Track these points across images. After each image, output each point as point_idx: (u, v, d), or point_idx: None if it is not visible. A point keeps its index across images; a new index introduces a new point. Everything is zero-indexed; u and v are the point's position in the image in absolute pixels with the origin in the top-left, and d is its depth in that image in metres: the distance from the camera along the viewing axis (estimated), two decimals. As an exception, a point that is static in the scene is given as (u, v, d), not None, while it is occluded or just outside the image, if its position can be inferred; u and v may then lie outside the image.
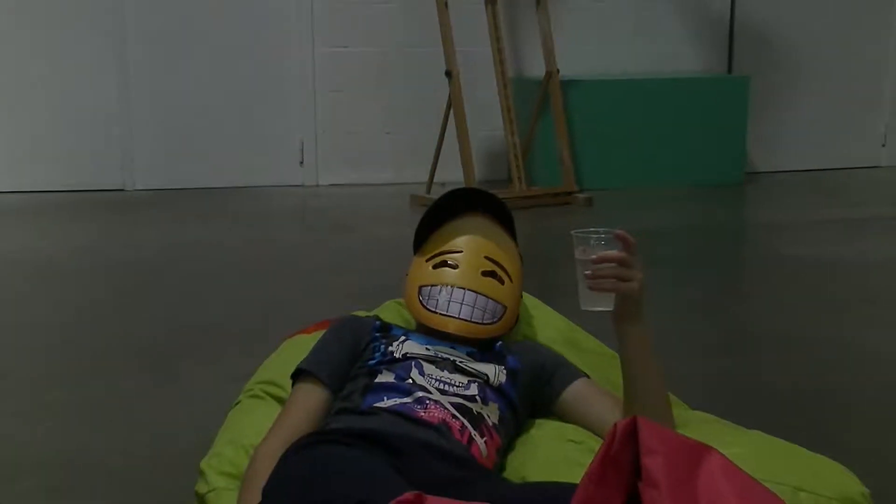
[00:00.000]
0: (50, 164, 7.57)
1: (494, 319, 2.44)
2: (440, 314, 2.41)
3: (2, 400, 3.52)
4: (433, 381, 2.25)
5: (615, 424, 1.73)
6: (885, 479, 2.44)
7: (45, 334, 4.32)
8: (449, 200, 2.54)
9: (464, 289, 2.41)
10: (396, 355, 2.32)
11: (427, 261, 2.49)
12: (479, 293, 2.42)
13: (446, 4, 7.00)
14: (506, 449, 2.32)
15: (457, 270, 2.44)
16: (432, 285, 2.44)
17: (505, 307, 2.46)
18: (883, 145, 8.93)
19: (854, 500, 2.13)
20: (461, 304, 2.40)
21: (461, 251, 2.46)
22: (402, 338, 2.38)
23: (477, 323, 2.41)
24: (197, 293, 5.02)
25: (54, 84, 7.54)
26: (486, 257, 2.46)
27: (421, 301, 2.44)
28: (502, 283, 2.46)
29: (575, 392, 2.39)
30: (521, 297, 2.61)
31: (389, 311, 2.71)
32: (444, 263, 2.46)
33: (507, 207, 2.57)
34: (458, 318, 2.39)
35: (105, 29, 7.60)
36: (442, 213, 2.54)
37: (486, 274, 2.45)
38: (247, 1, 7.82)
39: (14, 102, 7.43)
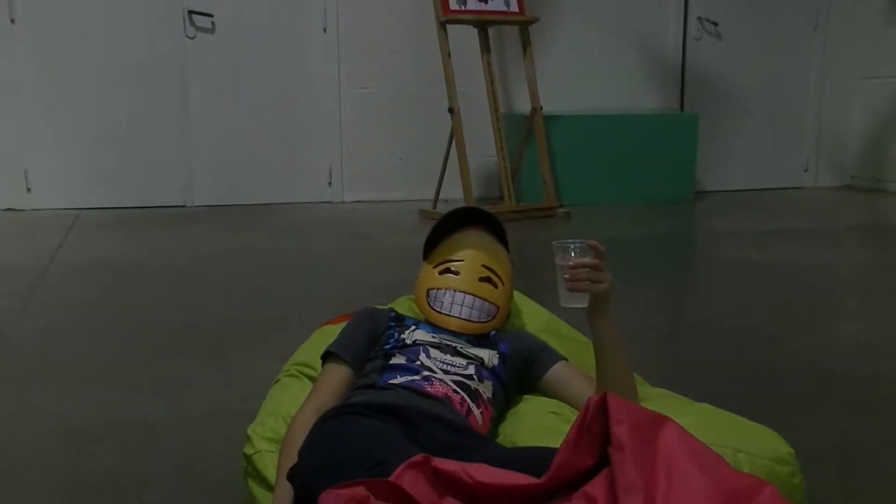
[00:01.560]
0: (127, 185, 7.58)
1: (489, 318, 2.47)
2: (444, 314, 2.44)
3: (85, 375, 3.52)
4: (438, 362, 2.27)
5: (589, 399, 1.74)
6: (807, 441, 2.44)
7: (123, 322, 4.32)
8: (453, 216, 2.57)
9: (464, 293, 2.45)
10: (408, 341, 2.34)
11: (434, 267, 2.52)
12: (477, 296, 2.45)
13: (449, 54, 7.01)
14: (498, 419, 2.34)
15: (458, 277, 2.47)
16: (438, 289, 2.47)
17: (498, 307, 2.49)
18: (805, 170, 8.95)
19: (782, 458, 2.15)
20: (461, 305, 2.44)
21: (462, 260, 2.49)
22: (413, 327, 2.40)
23: (474, 321, 2.44)
24: (243, 290, 5.01)
25: (130, 119, 7.54)
26: (483, 265, 2.49)
27: (429, 302, 2.48)
28: (496, 286, 2.49)
29: (556, 373, 2.41)
30: (512, 296, 2.61)
31: (402, 305, 2.72)
32: (447, 270, 2.49)
33: (500, 222, 2.60)
34: (459, 318, 2.43)
35: (170, 72, 7.59)
36: (447, 227, 2.57)
37: (482, 280, 2.47)
38: (286, 49, 7.82)
39: (100, 135, 7.43)
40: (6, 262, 5.44)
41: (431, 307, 2.46)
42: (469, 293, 2.44)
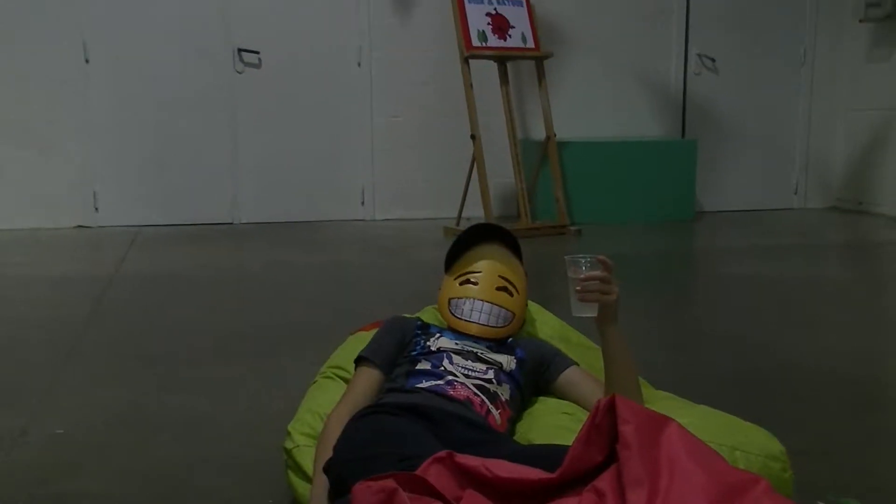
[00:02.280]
0: (181, 204, 7.62)
1: (505, 323, 2.46)
2: (465, 320, 2.43)
3: (145, 374, 3.54)
4: (460, 368, 2.26)
5: (598, 401, 1.74)
6: (796, 439, 2.42)
7: (177, 328, 4.34)
8: (471, 232, 2.56)
9: (482, 301, 2.43)
10: (432, 348, 2.33)
11: (455, 279, 2.51)
12: (494, 304, 2.44)
13: (471, 86, 7.02)
14: (515, 419, 2.32)
15: (477, 286, 2.46)
16: (459, 298, 2.46)
17: (513, 314, 2.47)
18: (795, 193, 8.88)
19: (775, 456, 2.14)
20: (480, 312, 2.43)
21: (480, 272, 2.48)
22: (437, 335, 2.39)
23: (492, 326, 2.43)
24: (284, 299, 5.02)
25: (185, 145, 7.58)
26: (500, 276, 2.48)
27: (451, 310, 2.47)
28: (512, 295, 2.47)
29: (568, 376, 2.40)
30: (527, 304, 2.61)
31: (428, 314, 2.72)
32: (467, 281, 2.48)
33: (514, 236, 2.59)
34: (478, 323, 2.42)
35: (221, 103, 7.64)
36: (466, 242, 2.56)
37: (499, 289, 2.46)
38: (324, 82, 7.84)
39: (159, 160, 7.49)
40: (77, 272, 5.48)
41: (453, 314, 2.46)
42: (487, 301, 2.44)
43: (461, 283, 2.48)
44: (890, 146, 8.03)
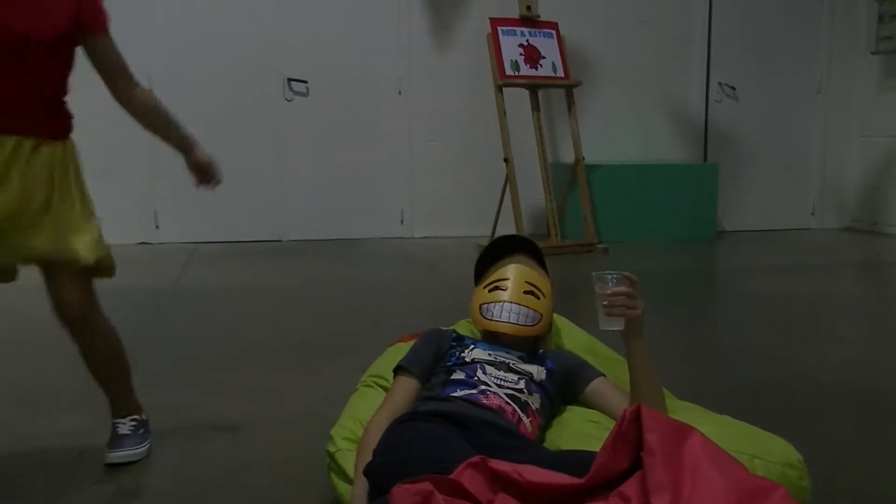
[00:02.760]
0: (233, 222, 7.68)
1: (534, 323, 2.45)
2: (496, 321, 2.43)
3: (201, 379, 3.58)
4: (492, 378, 2.25)
5: (624, 410, 1.73)
6: (813, 448, 2.38)
7: (230, 336, 4.37)
8: (497, 244, 2.60)
9: (511, 302, 2.43)
10: (467, 359, 2.32)
11: (485, 287, 2.52)
12: (522, 305, 2.44)
13: (504, 112, 7.03)
14: (545, 426, 2.31)
15: (506, 291, 2.46)
16: (489, 303, 2.46)
17: (541, 315, 2.47)
18: (812, 213, 8.80)
19: (792, 464, 2.11)
20: (510, 312, 2.44)
21: (508, 278, 2.49)
22: (472, 346, 2.38)
23: (522, 325, 2.43)
24: (328, 312, 5.04)
25: (238, 168, 7.60)
26: (527, 281, 2.49)
27: (482, 314, 2.47)
28: (538, 297, 2.48)
29: (595, 387, 2.38)
30: (553, 309, 2.60)
31: (462, 327, 2.71)
32: (496, 287, 2.49)
33: (537, 246, 2.62)
34: (509, 322, 2.42)
35: (271, 129, 7.70)
36: (493, 255, 2.59)
37: (526, 293, 2.47)
38: (367, 109, 7.87)
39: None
40: (140, 285, 5.50)
41: (484, 317, 2.46)
42: (515, 302, 2.44)
43: (490, 291, 2.49)
44: (900, 172, 7.98)
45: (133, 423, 2.86)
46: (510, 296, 2.45)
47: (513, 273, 2.49)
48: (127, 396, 2.89)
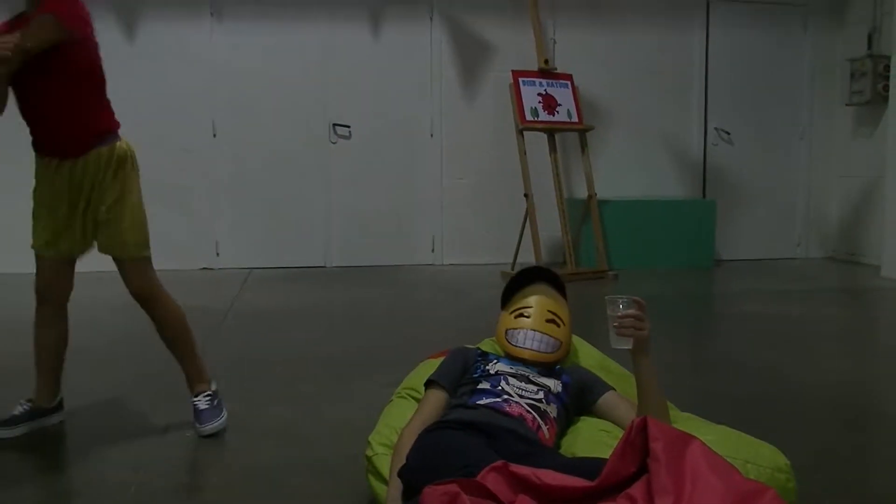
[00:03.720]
0: (283, 250, 7.73)
1: (554, 350, 2.43)
2: (519, 347, 2.41)
3: (256, 391, 3.57)
4: (514, 388, 2.24)
5: (632, 421, 1.73)
6: (799, 454, 2.37)
7: (281, 352, 4.38)
8: (523, 274, 2.57)
9: (534, 331, 2.41)
10: (491, 372, 2.31)
11: (510, 313, 2.50)
12: (544, 333, 2.42)
13: (524, 153, 7.04)
14: (561, 434, 2.30)
15: (529, 319, 2.44)
16: (514, 329, 2.44)
17: (560, 342, 2.45)
18: (797, 245, 8.73)
19: (781, 468, 2.11)
20: (533, 340, 2.41)
21: (532, 307, 2.46)
22: (495, 361, 2.38)
23: (543, 352, 2.41)
24: (367, 328, 5.05)
25: (288, 201, 7.71)
26: (548, 310, 2.46)
27: (507, 339, 2.45)
28: (559, 326, 2.45)
29: (606, 400, 2.36)
30: (571, 336, 2.58)
31: (486, 345, 2.69)
32: (521, 315, 2.46)
33: (559, 277, 2.59)
34: (531, 349, 2.40)
35: (318, 168, 7.76)
36: (519, 282, 2.56)
37: (548, 321, 2.44)
38: (403, 150, 7.92)
39: (267, 213, 7.63)
40: (202, 306, 5.52)
41: (509, 342, 2.43)
42: (538, 331, 2.42)
43: (516, 317, 2.47)
44: (875, 207, 7.92)
45: (207, 397, 3.06)
46: (533, 323, 2.43)
47: (536, 302, 2.47)
48: (197, 372, 3.11)
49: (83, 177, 2.86)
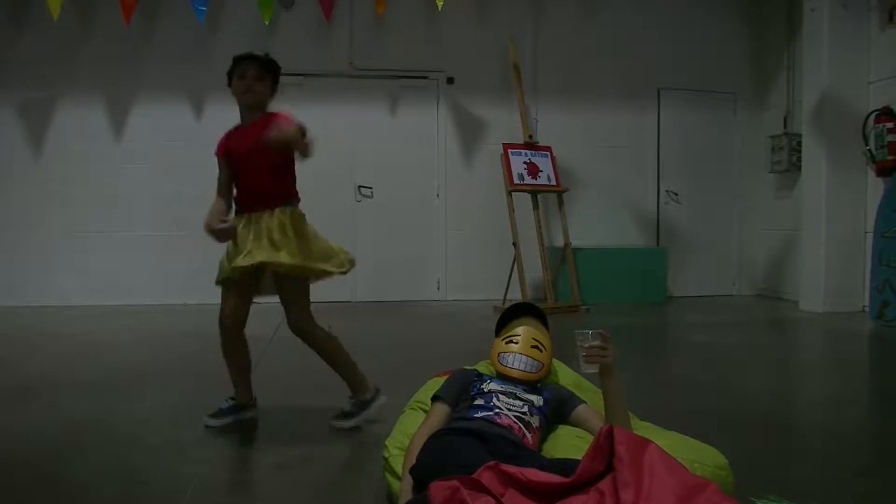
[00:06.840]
0: (317, 287, 7.69)
1: (537, 371, 2.44)
2: (509, 367, 2.42)
3: (293, 404, 3.56)
4: (504, 404, 2.24)
5: (601, 429, 1.72)
6: (737, 455, 2.36)
7: (315, 375, 4.34)
8: (513, 308, 2.58)
9: (522, 354, 2.42)
10: (485, 390, 2.31)
11: (502, 340, 2.51)
12: (530, 357, 2.42)
13: (513, 210, 7.07)
14: (543, 440, 2.30)
15: (518, 345, 2.45)
16: (505, 353, 2.45)
17: (543, 364, 2.46)
18: (733, 284, 8.72)
19: (721, 466, 2.11)
20: (520, 362, 2.42)
21: (520, 335, 2.47)
22: (489, 381, 2.38)
23: (528, 372, 2.41)
24: (383, 352, 5.02)
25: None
26: (533, 338, 2.47)
27: (499, 361, 2.45)
28: (542, 351, 2.46)
29: (579, 412, 2.36)
30: (551, 359, 2.59)
31: (482, 367, 2.69)
32: (511, 341, 2.47)
33: (543, 311, 2.60)
34: (519, 370, 2.40)
35: (346, 223, 7.79)
36: (509, 315, 2.57)
37: (533, 347, 2.45)
38: (415, 207, 7.97)
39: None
40: (249, 334, 5.55)
41: (501, 364, 2.44)
42: (525, 355, 2.42)
43: (507, 343, 2.48)
44: (794, 254, 7.92)
45: (352, 400, 3.22)
46: (521, 348, 2.44)
47: (523, 331, 2.48)
48: (354, 382, 3.29)
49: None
